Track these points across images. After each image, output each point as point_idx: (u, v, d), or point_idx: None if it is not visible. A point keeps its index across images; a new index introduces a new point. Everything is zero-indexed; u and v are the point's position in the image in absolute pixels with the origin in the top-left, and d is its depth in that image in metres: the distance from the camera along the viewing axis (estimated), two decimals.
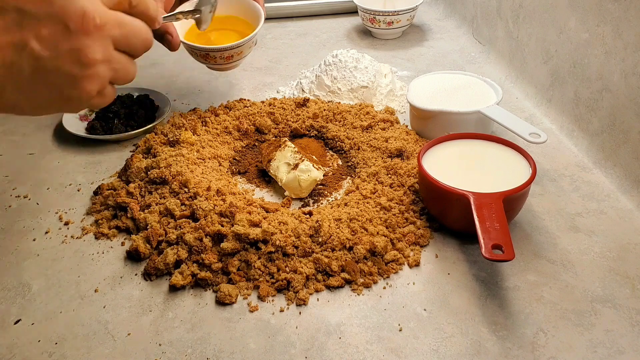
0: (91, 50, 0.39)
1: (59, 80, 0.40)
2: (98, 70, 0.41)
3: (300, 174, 0.63)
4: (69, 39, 0.38)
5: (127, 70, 0.44)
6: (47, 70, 0.39)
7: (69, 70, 0.39)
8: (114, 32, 0.41)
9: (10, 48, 0.38)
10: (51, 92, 0.40)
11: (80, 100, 0.42)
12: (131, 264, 0.57)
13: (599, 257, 0.56)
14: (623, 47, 0.62)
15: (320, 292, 0.53)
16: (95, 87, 0.41)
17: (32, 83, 0.39)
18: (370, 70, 0.80)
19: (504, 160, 0.60)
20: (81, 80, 0.40)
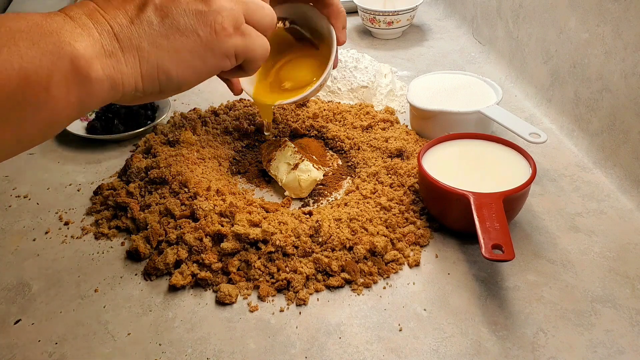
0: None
1: (189, 21, 0.39)
2: (223, 3, 0.40)
3: (300, 174, 0.63)
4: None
5: (258, 5, 0.43)
6: (175, 15, 0.39)
7: (194, 8, 0.39)
8: None
9: (133, 8, 0.38)
10: (187, 38, 0.39)
11: (219, 40, 0.41)
12: (131, 264, 0.57)
13: (599, 257, 0.56)
14: (623, 47, 0.62)
15: (320, 292, 0.53)
16: (227, 20, 0.40)
17: (166, 34, 0.39)
18: (370, 70, 0.80)
19: (504, 160, 0.60)
20: (210, 15, 0.40)
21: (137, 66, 0.38)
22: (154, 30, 0.38)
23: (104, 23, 0.37)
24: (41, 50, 0.34)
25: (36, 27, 0.34)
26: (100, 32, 0.37)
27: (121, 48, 0.37)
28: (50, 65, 0.34)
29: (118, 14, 0.38)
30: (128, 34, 0.38)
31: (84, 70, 0.36)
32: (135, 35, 0.38)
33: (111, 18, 0.37)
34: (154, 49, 0.39)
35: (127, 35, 0.38)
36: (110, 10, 0.38)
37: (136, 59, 0.38)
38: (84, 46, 0.36)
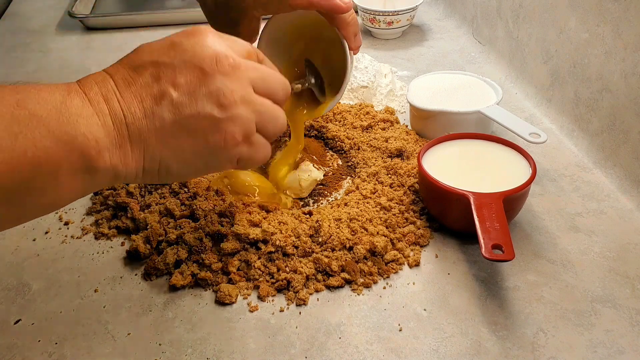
0: (229, 89, 0.38)
1: (200, 124, 0.38)
2: (239, 112, 0.39)
3: (301, 173, 0.63)
4: (205, 81, 0.38)
5: (273, 115, 0.42)
6: (188, 116, 0.38)
7: (209, 113, 0.38)
8: (251, 74, 0.40)
9: (150, 99, 0.37)
10: (195, 140, 0.39)
11: (226, 148, 0.40)
12: (131, 264, 0.57)
13: (599, 257, 0.56)
14: (623, 47, 0.62)
15: (320, 292, 0.53)
16: (239, 130, 0.39)
17: (176, 133, 0.38)
18: (370, 70, 0.80)
19: (504, 160, 0.60)
20: (223, 122, 0.39)
21: (141, 159, 0.38)
22: (164, 128, 0.38)
23: (119, 112, 0.37)
24: (56, 140, 0.34)
25: (55, 114, 0.35)
26: (114, 121, 0.37)
27: (130, 140, 0.37)
28: (61, 155, 0.35)
29: (133, 103, 0.37)
30: (139, 127, 0.37)
31: (93, 161, 0.36)
32: (145, 130, 0.37)
33: (126, 106, 0.37)
34: (160, 146, 0.38)
35: (138, 128, 0.37)
36: (127, 96, 0.37)
37: (141, 153, 0.38)
38: (97, 137, 0.36)
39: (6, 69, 0.98)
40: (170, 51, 0.38)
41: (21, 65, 0.98)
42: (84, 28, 1.11)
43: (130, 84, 0.38)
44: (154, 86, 0.38)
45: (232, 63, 0.39)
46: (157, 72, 0.38)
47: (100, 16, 1.12)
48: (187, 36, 0.39)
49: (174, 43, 0.39)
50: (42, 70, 0.96)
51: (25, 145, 0.33)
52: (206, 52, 0.38)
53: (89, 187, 0.38)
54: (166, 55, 0.38)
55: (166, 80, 0.38)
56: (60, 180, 0.35)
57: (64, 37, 1.09)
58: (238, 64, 0.39)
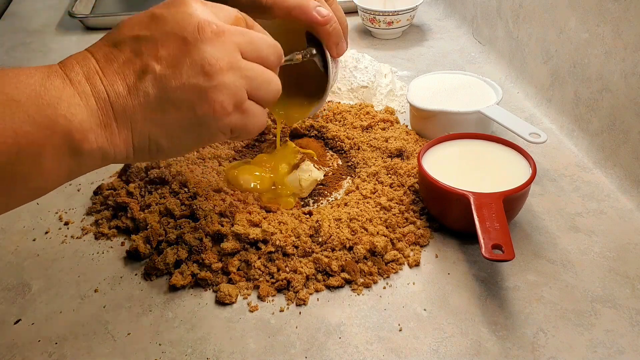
0: (213, 57, 0.37)
1: (187, 96, 0.37)
2: (225, 79, 0.38)
3: (301, 173, 0.63)
4: (188, 51, 0.37)
5: (264, 79, 0.40)
6: (173, 89, 0.37)
7: (194, 83, 0.37)
8: (237, 39, 0.39)
9: (132, 75, 0.37)
10: (183, 114, 0.38)
11: (215, 119, 0.38)
12: (131, 264, 0.57)
13: (599, 257, 0.56)
14: (623, 47, 0.62)
15: (320, 292, 0.53)
16: (228, 98, 0.38)
17: (161, 108, 0.37)
18: (370, 70, 0.80)
19: (504, 160, 0.60)
20: (209, 91, 0.37)
21: (129, 137, 0.37)
22: (149, 103, 0.37)
23: (102, 91, 0.36)
24: (36, 125, 0.33)
25: (34, 98, 0.34)
26: (97, 100, 0.36)
27: (115, 119, 0.37)
28: (43, 140, 0.34)
29: (116, 80, 0.36)
30: (123, 105, 0.36)
31: (77, 143, 0.35)
32: (130, 106, 0.37)
33: (109, 84, 0.36)
34: (148, 122, 0.37)
35: (123, 105, 0.36)
36: (109, 74, 0.36)
37: (129, 130, 0.37)
38: (80, 119, 0.35)
39: None
40: (151, 24, 0.37)
41: (21, 65, 0.98)
42: (84, 28, 1.11)
43: (112, 61, 0.37)
44: (136, 61, 0.37)
45: (216, 30, 0.38)
46: (139, 46, 0.37)
47: (100, 16, 1.12)
48: (168, 6, 0.38)
49: (154, 15, 0.38)
50: None
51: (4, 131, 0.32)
52: (188, 21, 0.37)
53: (77, 170, 0.37)
54: (147, 28, 0.37)
55: (148, 54, 0.37)
56: (44, 165, 0.34)
57: (64, 37, 1.09)
58: (222, 30, 0.38)
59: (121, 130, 0.37)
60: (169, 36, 0.37)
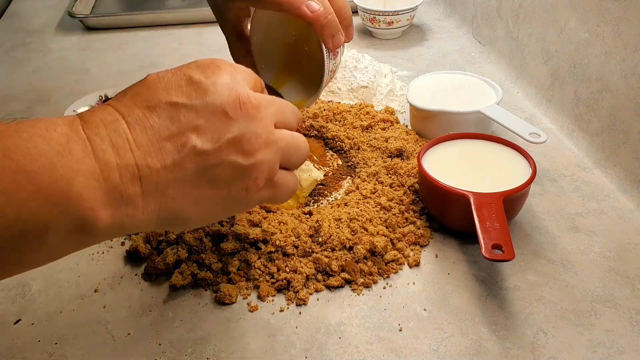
0: (254, 134, 0.35)
1: (224, 174, 0.35)
2: (264, 156, 0.36)
3: (301, 173, 0.63)
4: (229, 126, 0.35)
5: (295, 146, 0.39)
6: (212, 166, 0.34)
7: (234, 161, 0.35)
8: (271, 111, 0.37)
9: (169, 147, 0.33)
10: (218, 190, 0.36)
11: (248, 196, 0.37)
12: (131, 264, 0.57)
13: (599, 257, 0.56)
14: (623, 47, 0.62)
15: (320, 292, 0.53)
16: (262, 174, 0.37)
17: (197, 183, 0.34)
18: (370, 70, 0.80)
19: (504, 160, 0.60)
20: (248, 171, 0.36)
21: (154, 212, 0.34)
22: (185, 178, 0.34)
23: (132, 164, 0.32)
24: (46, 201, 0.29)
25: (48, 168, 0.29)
26: (122, 174, 0.32)
27: (143, 194, 0.33)
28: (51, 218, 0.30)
29: (151, 153, 0.33)
30: (156, 180, 0.33)
31: (90, 222, 0.31)
32: (162, 182, 0.33)
33: (142, 157, 0.32)
34: (180, 197, 0.34)
35: (155, 180, 0.33)
36: (143, 145, 0.32)
37: (156, 205, 0.34)
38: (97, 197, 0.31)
39: (6, 69, 0.98)
40: (189, 90, 0.34)
41: (21, 65, 0.98)
42: (84, 28, 1.11)
43: (146, 128, 0.33)
44: (174, 131, 0.33)
45: (255, 104, 0.36)
46: (177, 115, 0.34)
47: (100, 16, 1.12)
48: (205, 72, 0.35)
49: (192, 80, 0.35)
50: (42, 70, 0.96)
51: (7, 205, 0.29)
52: (228, 94, 0.35)
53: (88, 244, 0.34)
54: (185, 95, 0.34)
55: (187, 124, 0.34)
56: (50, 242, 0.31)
57: (64, 37, 1.09)
58: (259, 105, 0.36)
59: (147, 205, 0.33)
60: (209, 108, 0.34)
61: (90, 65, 0.96)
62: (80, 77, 0.93)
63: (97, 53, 1.02)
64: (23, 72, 0.96)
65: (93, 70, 0.95)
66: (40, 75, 0.95)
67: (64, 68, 0.96)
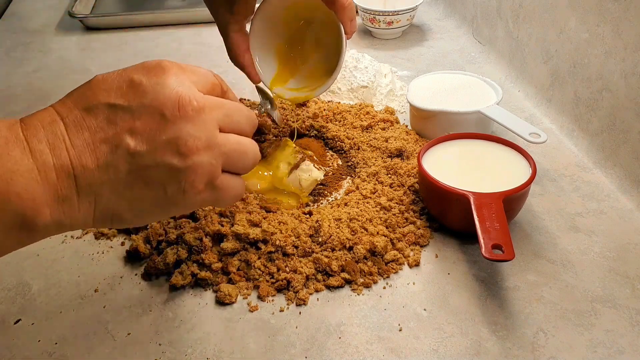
0: (191, 136, 0.35)
1: (159, 175, 0.35)
2: (202, 159, 0.36)
3: (301, 173, 0.63)
4: (165, 128, 0.35)
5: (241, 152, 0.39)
6: (146, 167, 0.35)
7: (169, 163, 0.35)
8: (216, 114, 0.37)
9: (104, 148, 0.34)
10: (153, 192, 0.36)
11: (186, 198, 0.37)
12: (131, 264, 0.57)
13: (599, 257, 0.56)
14: (623, 47, 0.62)
15: (320, 292, 0.53)
16: (200, 178, 0.36)
17: (131, 184, 0.35)
18: (370, 70, 0.80)
19: (504, 160, 0.60)
20: (182, 172, 0.36)
21: (90, 211, 0.35)
22: (118, 179, 0.35)
23: (67, 164, 0.33)
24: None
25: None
26: (59, 174, 0.33)
27: (78, 193, 0.34)
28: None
29: (85, 152, 0.34)
30: (90, 180, 0.34)
31: (29, 220, 0.33)
32: (97, 182, 0.34)
33: (76, 157, 0.34)
34: (114, 197, 0.35)
35: (89, 180, 0.34)
36: (78, 145, 0.34)
37: (91, 204, 0.35)
38: (35, 196, 0.32)
39: (6, 69, 0.98)
40: (129, 92, 0.35)
41: (21, 65, 0.98)
42: (84, 28, 1.11)
43: (83, 129, 0.34)
44: (110, 133, 0.34)
45: (196, 106, 0.36)
46: (114, 116, 0.34)
47: (100, 16, 1.12)
48: (148, 74, 0.36)
49: (133, 82, 0.35)
50: (42, 70, 0.96)
51: None
52: (168, 95, 0.35)
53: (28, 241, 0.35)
54: (124, 96, 0.35)
55: (123, 126, 0.34)
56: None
57: (64, 37, 1.09)
58: (202, 107, 0.36)
59: (82, 203, 0.35)
60: (146, 109, 0.35)
61: (90, 65, 0.96)
62: (80, 77, 0.92)
63: (97, 53, 1.02)
64: (23, 72, 0.96)
65: (93, 70, 0.95)
66: (40, 75, 0.95)
67: (64, 68, 0.96)
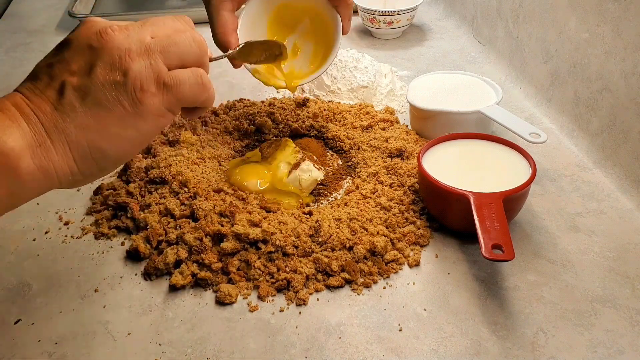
0: (121, 50, 0.39)
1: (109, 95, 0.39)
2: (140, 64, 0.39)
3: (301, 173, 0.63)
4: (97, 55, 0.39)
5: (180, 41, 0.41)
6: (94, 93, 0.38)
7: (112, 80, 0.38)
8: (141, 28, 0.41)
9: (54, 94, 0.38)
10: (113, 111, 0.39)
11: (147, 105, 0.40)
12: (131, 264, 0.57)
13: (599, 257, 0.56)
14: (623, 47, 0.62)
15: (320, 292, 0.53)
16: (148, 81, 0.39)
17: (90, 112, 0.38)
18: (370, 70, 0.80)
19: (504, 160, 0.60)
20: (129, 83, 0.39)
21: (67, 151, 0.38)
22: (77, 113, 0.38)
23: (30, 113, 0.38)
24: None
25: None
26: (28, 122, 0.37)
27: (49, 136, 0.38)
28: None
29: (41, 102, 0.38)
30: (53, 121, 0.38)
31: (13, 164, 0.36)
32: (60, 121, 0.38)
33: (36, 107, 0.38)
34: (82, 130, 0.38)
35: (53, 122, 0.38)
36: (34, 99, 0.38)
37: (65, 144, 0.38)
38: (13, 139, 0.36)
39: (6, 69, 0.98)
40: (60, 48, 0.40)
41: (21, 65, 0.98)
42: None
43: (34, 89, 0.39)
44: (54, 82, 0.39)
45: (117, 27, 0.40)
46: (52, 70, 0.39)
47: (100, 16, 1.12)
48: (74, 30, 0.41)
49: (62, 42, 0.41)
50: None
51: None
52: (91, 30, 0.39)
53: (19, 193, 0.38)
54: (56, 54, 0.40)
55: (61, 72, 0.39)
56: None
57: (64, 37, 1.09)
58: (124, 27, 0.40)
59: (57, 145, 0.38)
60: (76, 51, 0.39)
61: None
62: None
63: None
64: (23, 72, 0.95)
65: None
66: None
67: None
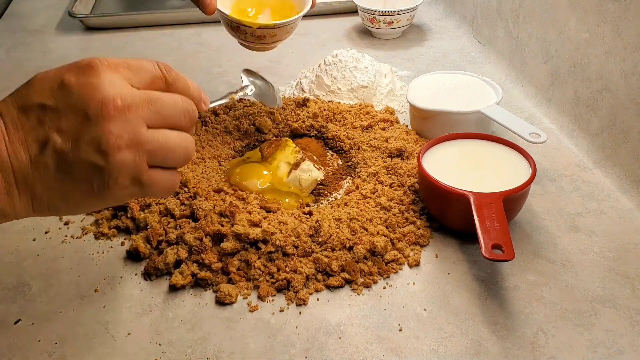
0: (113, 135, 0.37)
1: (84, 172, 0.38)
2: (124, 157, 0.37)
3: (301, 173, 0.63)
4: (88, 127, 0.37)
5: (169, 148, 0.40)
6: (71, 163, 0.37)
7: (92, 161, 0.37)
8: (143, 112, 0.38)
9: (35, 146, 0.37)
10: (81, 187, 0.38)
11: (112, 193, 0.39)
12: (131, 264, 0.57)
13: (599, 257, 0.56)
14: (623, 47, 0.62)
15: (320, 292, 0.53)
16: (125, 175, 0.38)
17: (60, 179, 0.38)
18: (370, 70, 0.80)
19: (504, 160, 0.60)
20: (107, 170, 0.38)
21: (29, 204, 0.39)
22: (49, 175, 0.38)
23: (6, 160, 0.37)
24: None
25: None
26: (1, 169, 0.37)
27: (17, 187, 0.38)
28: None
29: (20, 149, 0.37)
30: (25, 174, 0.37)
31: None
32: (30, 177, 0.38)
33: (13, 154, 0.37)
34: (46, 191, 0.38)
35: (24, 175, 0.37)
36: (15, 142, 0.37)
37: (29, 197, 0.38)
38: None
39: (6, 69, 0.98)
40: (58, 92, 0.37)
41: (21, 65, 0.98)
42: (84, 28, 1.11)
43: (18, 127, 0.37)
44: (40, 132, 0.37)
45: (120, 106, 0.37)
46: (43, 116, 0.37)
47: (100, 16, 1.12)
48: (78, 74, 0.38)
49: (62, 83, 0.38)
50: (42, 70, 0.96)
51: None
52: (92, 95, 0.37)
53: None
54: (53, 97, 0.37)
55: (50, 125, 0.37)
56: None
57: (64, 37, 1.09)
58: (127, 106, 0.37)
59: (22, 195, 0.38)
60: (72, 109, 0.37)
61: None
62: None
63: (97, 53, 1.01)
64: (23, 72, 0.96)
65: None
66: None
67: None
